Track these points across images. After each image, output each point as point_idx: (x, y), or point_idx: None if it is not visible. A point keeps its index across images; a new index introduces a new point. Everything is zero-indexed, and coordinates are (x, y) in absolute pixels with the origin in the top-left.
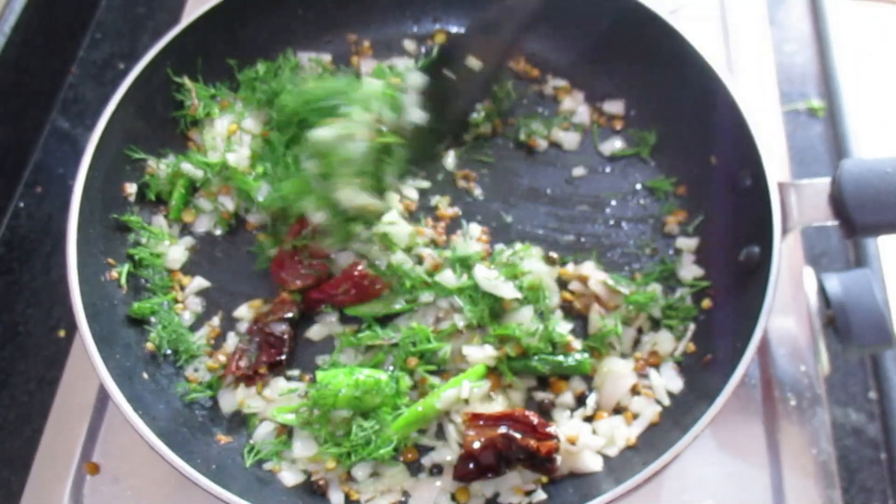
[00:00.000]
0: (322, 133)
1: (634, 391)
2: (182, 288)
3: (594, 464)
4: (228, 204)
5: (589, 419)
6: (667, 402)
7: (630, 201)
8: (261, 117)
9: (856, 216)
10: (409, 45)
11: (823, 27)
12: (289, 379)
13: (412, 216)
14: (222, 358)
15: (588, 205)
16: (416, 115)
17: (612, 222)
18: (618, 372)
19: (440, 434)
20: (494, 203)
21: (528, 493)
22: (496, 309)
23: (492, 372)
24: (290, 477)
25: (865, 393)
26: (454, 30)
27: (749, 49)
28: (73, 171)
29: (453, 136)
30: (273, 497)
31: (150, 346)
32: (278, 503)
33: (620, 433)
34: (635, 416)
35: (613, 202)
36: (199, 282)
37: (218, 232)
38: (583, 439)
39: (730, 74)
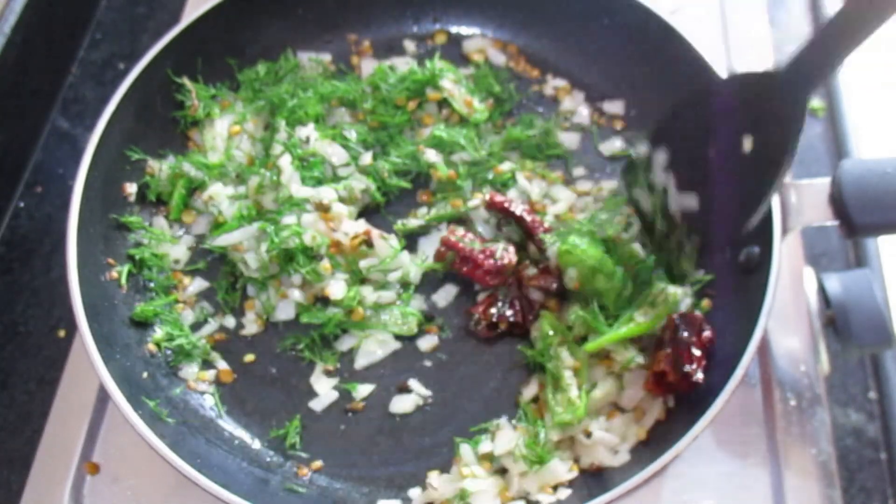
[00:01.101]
0: None
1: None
2: (183, 288)
3: (610, 459)
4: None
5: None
6: (671, 402)
7: None
8: (261, 119)
9: (855, 216)
10: (409, 45)
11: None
12: None
13: None
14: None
15: None
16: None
17: None
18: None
19: None
20: None
21: (555, 489)
22: None
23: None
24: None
25: (865, 393)
26: (454, 30)
27: (749, 49)
28: (73, 171)
29: None
30: (273, 497)
31: (151, 346)
32: (278, 503)
33: (631, 430)
34: (644, 413)
35: None
36: (200, 283)
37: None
38: (597, 434)
39: None
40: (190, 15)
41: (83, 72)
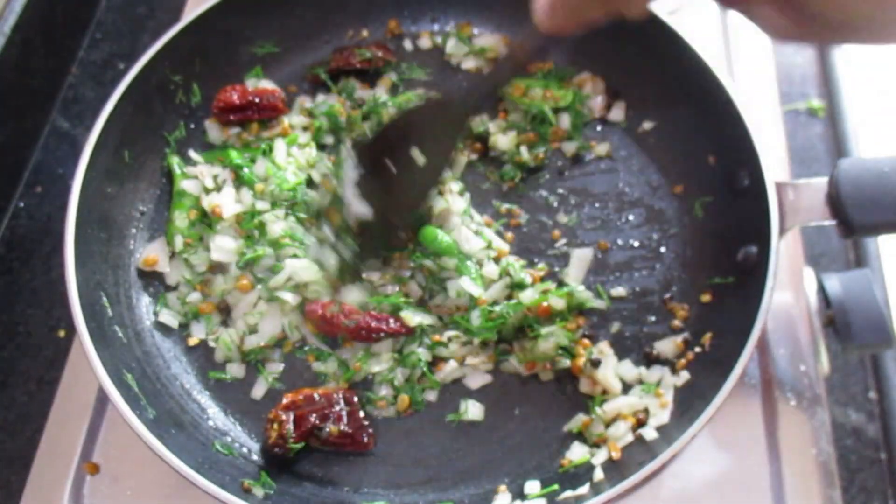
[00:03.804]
0: None
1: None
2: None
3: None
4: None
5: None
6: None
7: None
8: None
9: (853, 216)
10: (406, 44)
11: None
12: None
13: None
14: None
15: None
16: (359, 208)
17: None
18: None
19: None
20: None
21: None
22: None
23: None
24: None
25: (865, 393)
26: (451, 30)
27: (749, 49)
28: (72, 171)
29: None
30: (272, 497)
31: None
32: (277, 503)
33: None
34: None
35: (611, 204)
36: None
37: None
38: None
39: (729, 74)
40: (189, 15)
41: (83, 72)
